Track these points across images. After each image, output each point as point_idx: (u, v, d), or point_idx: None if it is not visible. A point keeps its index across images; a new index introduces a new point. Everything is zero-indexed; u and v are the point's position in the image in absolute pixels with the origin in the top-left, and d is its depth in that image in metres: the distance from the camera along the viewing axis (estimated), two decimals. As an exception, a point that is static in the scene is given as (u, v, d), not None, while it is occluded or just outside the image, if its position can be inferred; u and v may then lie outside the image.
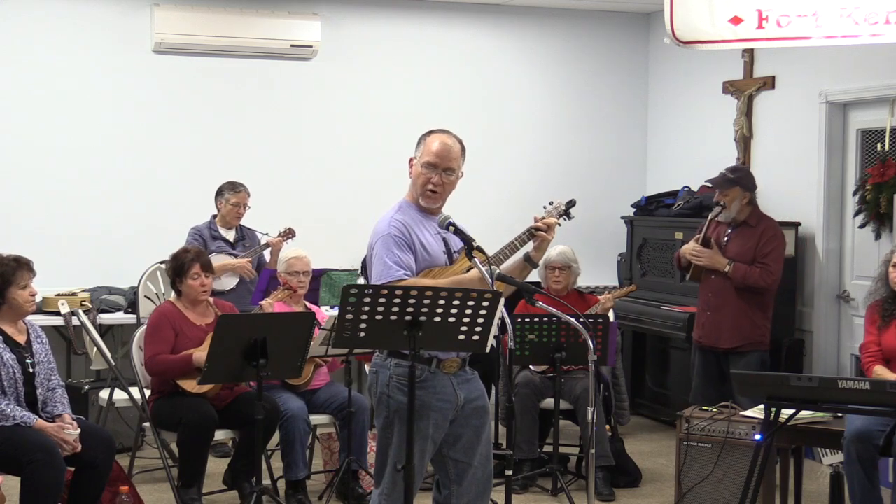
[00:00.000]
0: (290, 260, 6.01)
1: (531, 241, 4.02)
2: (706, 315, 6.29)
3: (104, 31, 7.50)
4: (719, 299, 6.21)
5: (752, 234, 6.19)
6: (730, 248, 6.21)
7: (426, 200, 3.95)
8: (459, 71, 8.31)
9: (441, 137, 3.95)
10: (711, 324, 6.24)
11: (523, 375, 6.19)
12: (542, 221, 4.04)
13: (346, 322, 3.53)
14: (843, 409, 4.58)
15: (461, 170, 3.98)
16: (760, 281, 6.14)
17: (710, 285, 6.27)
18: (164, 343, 5.38)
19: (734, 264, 6.12)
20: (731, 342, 6.18)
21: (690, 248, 6.26)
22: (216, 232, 6.89)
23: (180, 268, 5.53)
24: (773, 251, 6.19)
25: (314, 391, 5.80)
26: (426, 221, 3.96)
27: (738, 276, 6.12)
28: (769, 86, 7.45)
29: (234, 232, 6.96)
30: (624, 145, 8.73)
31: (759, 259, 6.16)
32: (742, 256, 6.15)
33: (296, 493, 5.62)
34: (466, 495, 3.96)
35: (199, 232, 6.84)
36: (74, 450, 4.69)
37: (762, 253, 6.17)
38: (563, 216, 4.14)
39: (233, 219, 6.90)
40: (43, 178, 7.37)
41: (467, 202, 6.98)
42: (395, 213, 3.93)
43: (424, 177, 3.92)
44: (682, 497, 5.35)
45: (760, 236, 6.18)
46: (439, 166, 3.91)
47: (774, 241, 6.21)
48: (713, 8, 5.73)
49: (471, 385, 3.97)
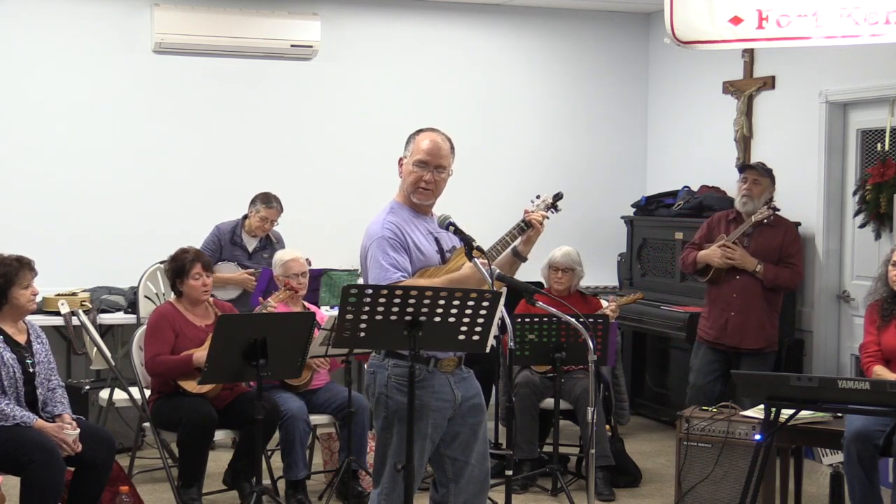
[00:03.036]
0: (288, 263, 5.97)
1: (521, 235, 4.06)
2: (729, 315, 6.22)
3: (104, 31, 7.50)
4: (744, 300, 6.18)
5: (773, 234, 6.21)
6: (752, 249, 6.21)
7: (419, 197, 3.95)
8: (459, 71, 8.31)
9: (431, 136, 3.96)
10: (736, 325, 6.19)
11: (523, 375, 6.19)
12: (532, 216, 4.05)
13: (346, 322, 3.53)
14: (843, 409, 4.59)
15: (451, 168, 3.99)
16: (790, 282, 6.22)
17: (735, 286, 6.21)
18: (164, 344, 5.38)
19: (764, 264, 6.13)
20: (756, 343, 6.18)
21: (719, 251, 6.18)
22: (238, 238, 6.84)
23: (181, 268, 5.53)
24: (799, 251, 6.27)
25: (314, 391, 5.81)
26: (418, 221, 3.96)
27: (770, 277, 6.13)
28: (769, 86, 7.45)
29: (256, 241, 6.89)
30: (624, 145, 8.73)
31: (785, 259, 6.19)
32: (765, 257, 6.17)
33: (296, 493, 5.62)
34: (464, 493, 3.97)
35: (219, 234, 6.80)
36: (74, 450, 4.70)
37: (787, 253, 6.20)
38: (550, 209, 4.21)
39: (258, 230, 6.85)
40: (43, 177, 7.37)
41: (467, 202, 7.03)
42: (388, 215, 3.93)
43: (416, 175, 3.93)
44: (682, 497, 5.35)
45: (784, 236, 6.22)
46: (430, 164, 3.92)
47: (798, 242, 6.30)
48: (713, 8, 5.72)
49: (467, 383, 3.98)
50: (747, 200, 6.23)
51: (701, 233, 6.49)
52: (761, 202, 6.22)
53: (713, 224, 6.45)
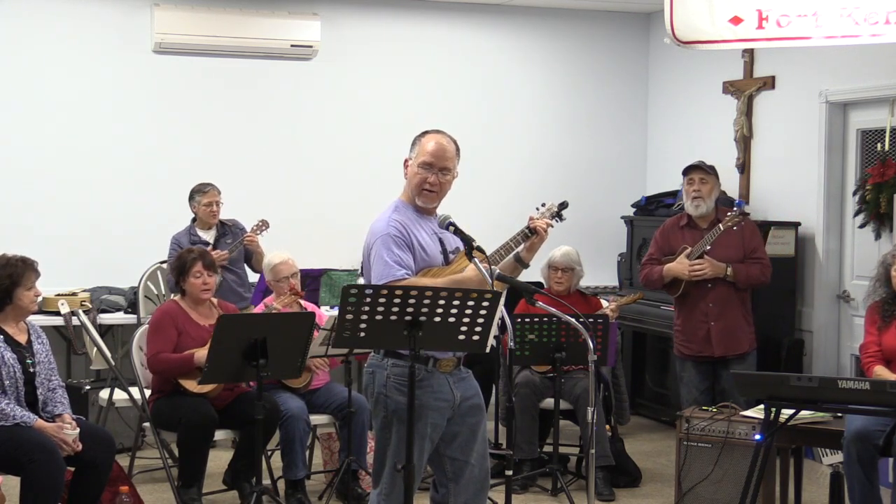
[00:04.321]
0: (276, 267, 5.86)
1: (524, 242, 4.07)
2: (710, 326, 6.00)
3: (104, 31, 7.50)
4: (721, 307, 5.98)
5: (731, 232, 5.94)
6: (715, 252, 5.96)
7: (423, 200, 3.95)
8: (459, 71, 8.31)
9: (436, 138, 3.96)
10: (720, 334, 5.98)
11: (523, 375, 6.19)
12: (537, 223, 4.07)
13: (346, 322, 3.53)
14: (843, 409, 4.59)
15: (456, 170, 4.00)
16: (762, 277, 6.02)
17: (708, 295, 5.99)
18: (166, 341, 5.39)
19: (733, 266, 5.94)
20: (741, 348, 6.00)
21: (687, 267, 5.93)
22: (195, 236, 6.81)
23: (183, 266, 5.55)
24: (761, 244, 6.10)
25: (314, 391, 5.81)
26: (422, 221, 3.97)
27: (742, 278, 5.95)
28: (769, 86, 7.45)
29: (213, 231, 6.87)
30: (624, 145, 8.73)
31: (750, 255, 6.01)
32: (730, 257, 5.97)
33: (296, 492, 5.62)
34: (464, 493, 3.97)
35: (177, 241, 6.74)
36: (75, 449, 4.70)
37: (751, 248, 6.02)
38: (555, 217, 4.23)
39: (209, 218, 6.82)
40: (43, 177, 7.37)
41: (467, 202, 7.01)
42: (392, 213, 3.94)
43: (421, 177, 3.93)
44: (682, 497, 5.35)
45: (743, 232, 5.99)
46: (435, 166, 3.92)
47: (757, 234, 6.12)
48: (713, 8, 5.72)
49: (466, 383, 3.98)
50: (700, 203, 6.01)
51: (656, 245, 6.21)
52: (712, 202, 6.03)
53: (667, 233, 6.19)
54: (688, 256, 5.97)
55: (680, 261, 5.99)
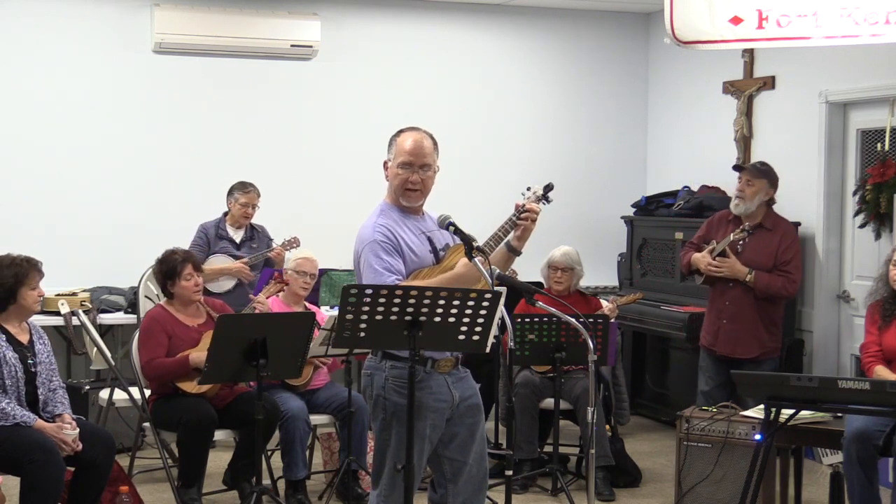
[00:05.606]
0: (300, 259, 5.98)
1: (513, 230, 3.97)
2: (721, 324, 6.06)
3: (104, 31, 7.50)
4: (736, 308, 6.01)
5: (770, 238, 6.01)
6: (746, 254, 6.01)
7: (408, 199, 3.93)
8: (459, 71, 8.31)
9: (412, 135, 3.93)
10: (728, 333, 6.03)
11: (523, 375, 6.19)
12: (528, 204, 3.97)
13: (346, 322, 3.52)
14: (843, 409, 4.58)
15: (437, 164, 3.96)
16: (783, 291, 5.99)
17: (727, 294, 6.06)
18: (158, 347, 5.38)
19: (755, 273, 5.94)
20: (749, 352, 6.01)
21: (707, 262, 6.03)
22: (223, 231, 6.85)
23: (172, 270, 5.52)
24: (795, 258, 6.03)
25: (314, 391, 5.81)
26: (408, 222, 3.94)
27: (761, 286, 5.94)
28: (769, 86, 7.45)
29: (242, 232, 6.90)
30: (624, 145, 8.73)
31: (780, 266, 5.99)
32: (760, 263, 5.98)
33: (296, 493, 5.62)
34: (462, 494, 3.96)
35: (205, 231, 6.81)
36: (74, 449, 4.70)
37: (783, 260, 6.00)
38: (541, 200, 4.08)
39: (241, 218, 6.86)
40: (43, 177, 7.37)
41: (467, 202, 7.05)
42: (378, 218, 3.90)
43: (402, 177, 3.90)
44: (682, 497, 5.35)
45: (780, 241, 6.02)
46: (415, 164, 3.89)
47: (795, 247, 6.06)
48: (713, 8, 5.73)
49: (464, 383, 3.97)
50: (739, 202, 6.07)
51: (700, 233, 6.37)
52: (755, 204, 6.04)
53: (713, 224, 6.32)
54: (710, 252, 6.08)
55: (704, 255, 6.11)
